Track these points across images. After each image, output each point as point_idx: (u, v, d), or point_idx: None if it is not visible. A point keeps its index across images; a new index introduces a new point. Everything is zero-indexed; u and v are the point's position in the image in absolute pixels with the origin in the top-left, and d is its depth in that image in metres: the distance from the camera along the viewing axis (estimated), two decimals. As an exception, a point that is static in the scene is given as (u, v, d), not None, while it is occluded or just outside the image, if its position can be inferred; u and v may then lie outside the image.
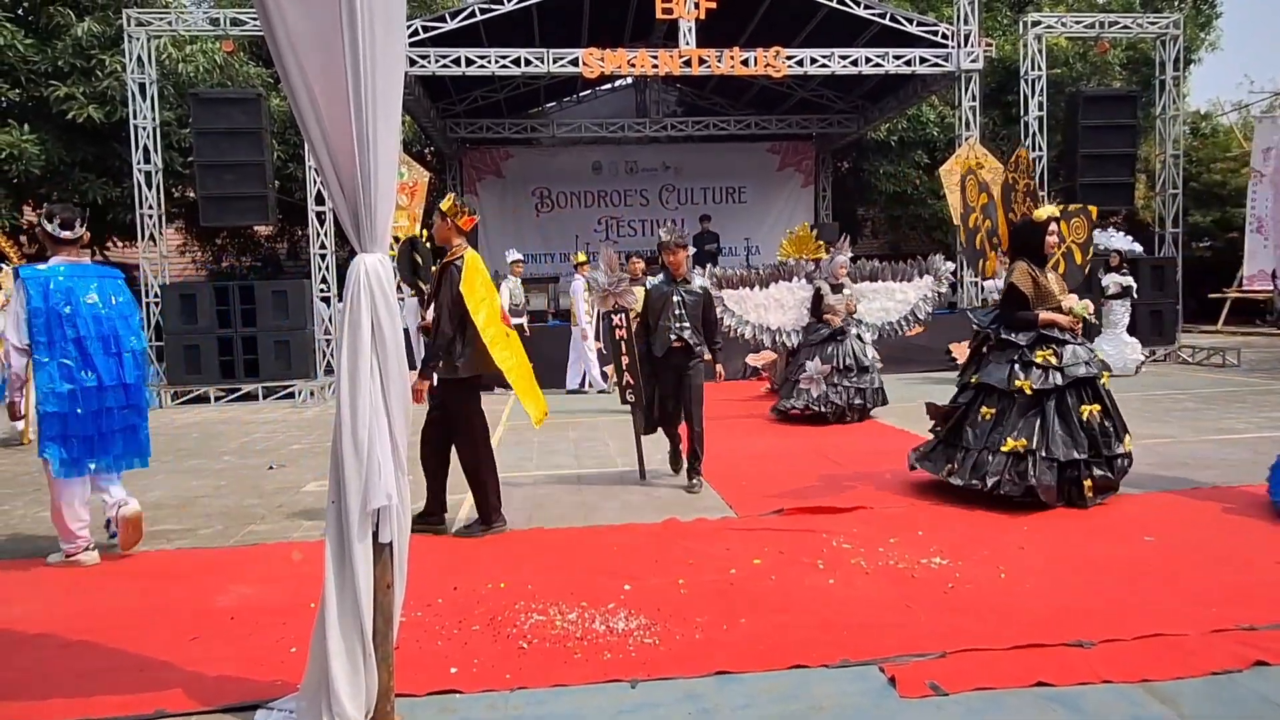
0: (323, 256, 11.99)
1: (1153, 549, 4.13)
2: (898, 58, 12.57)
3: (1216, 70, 47.03)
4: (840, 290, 8.42)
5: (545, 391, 4.23)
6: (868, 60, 12.54)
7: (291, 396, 11.00)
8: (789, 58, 12.31)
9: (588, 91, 18.23)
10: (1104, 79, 17.46)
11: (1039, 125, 12.81)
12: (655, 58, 12.14)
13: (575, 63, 12.14)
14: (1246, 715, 2.61)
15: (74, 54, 12.01)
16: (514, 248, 12.72)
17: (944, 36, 12.66)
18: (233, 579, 4.04)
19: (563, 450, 7.18)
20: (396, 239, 9.39)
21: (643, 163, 18.63)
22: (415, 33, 11.84)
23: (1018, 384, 4.91)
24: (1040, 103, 12.79)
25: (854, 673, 2.91)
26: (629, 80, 17.34)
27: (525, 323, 11.33)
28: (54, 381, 4.20)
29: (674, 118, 17.95)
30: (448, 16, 12.10)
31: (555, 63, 12.11)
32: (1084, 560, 3.96)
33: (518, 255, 11.81)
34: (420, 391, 4.54)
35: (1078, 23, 13.31)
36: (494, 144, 18.14)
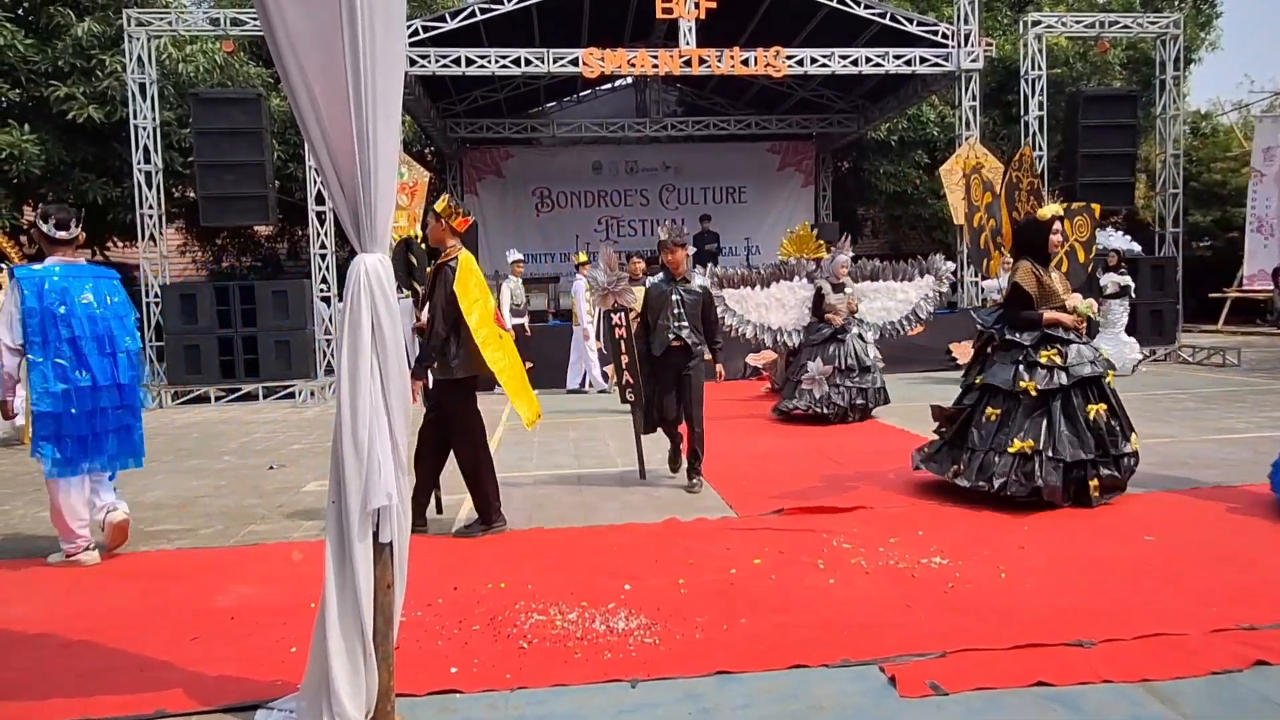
0: (323, 256, 11.99)
1: (1153, 548, 4.13)
2: (898, 57, 12.56)
3: (1217, 70, 47.06)
4: (841, 290, 8.41)
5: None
6: (868, 60, 12.54)
7: (292, 396, 11.01)
8: (789, 57, 12.31)
9: (588, 91, 18.23)
10: (1104, 79, 17.44)
11: (1039, 125, 12.81)
12: (655, 57, 12.14)
13: (575, 63, 12.14)
14: (1247, 715, 2.61)
15: (74, 54, 12.00)
16: (514, 248, 12.70)
17: (944, 36, 12.66)
18: (233, 579, 4.04)
19: (563, 450, 7.18)
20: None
21: (643, 162, 18.63)
22: (415, 33, 11.84)
23: (1023, 385, 4.88)
24: (1040, 102, 12.79)
25: (854, 672, 2.92)
26: (629, 80, 17.34)
27: (526, 323, 11.33)
28: (48, 381, 4.19)
29: (674, 117, 17.95)
30: (448, 16, 12.10)
31: (555, 63, 12.12)
32: (1084, 560, 3.96)
33: (518, 255, 11.79)
34: (414, 390, 4.53)
35: (1078, 22, 13.30)
36: (494, 144, 18.14)
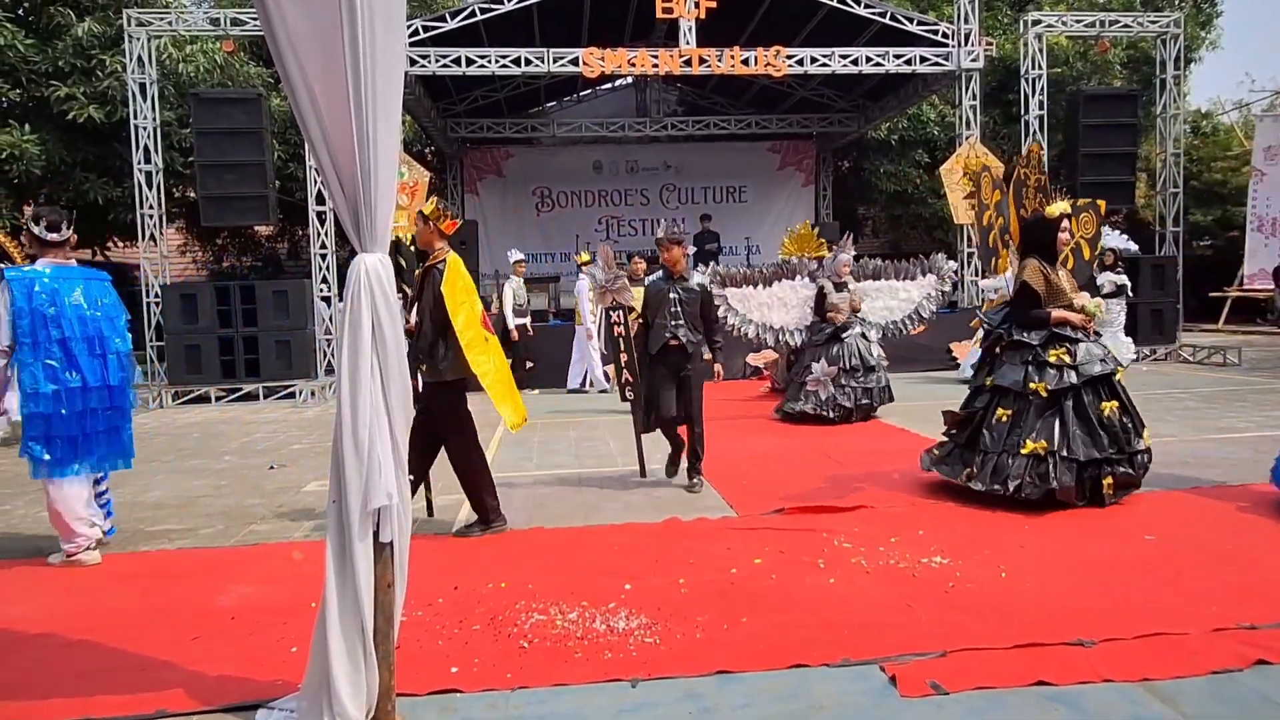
0: (323, 256, 11.99)
1: (1154, 548, 4.12)
2: (898, 57, 12.56)
3: (1217, 69, 47.05)
4: (844, 288, 8.39)
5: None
6: (868, 59, 12.54)
7: (292, 396, 11.01)
8: (789, 57, 12.31)
9: (588, 91, 18.23)
10: (1104, 78, 17.44)
11: (1039, 124, 12.81)
12: (655, 57, 12.14)
13: (575, 62, 12.14)
14: (1248, 714, 2.61)
15: (74, 54, 12.01)
16: (515, 247, 12.69)
17: (944, 35, 12.66)
18: (233, 579, 4.04)
19: (563, 450, 7.17)
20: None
21: (643, 162, 18.63)
22: (415, 32, 11.84)
23: (1033, 386, 4.83)
24: (1041, 102, 12.79)
25: (855, 672, 2.91)
26: (629, 80, 17.35)
27: (528, 323, 11.31)
28: (38, 382, 4.19)
29: (674, 117, 17.96)
30: (448, 16, 12.10)
31: (555, 62, 12.12)
32: (1085, 559, 3.96)
33: (520, 255, 11.74)
34: None
35: (1078, 22, 13.30)
36: (494, 143, 18.15)
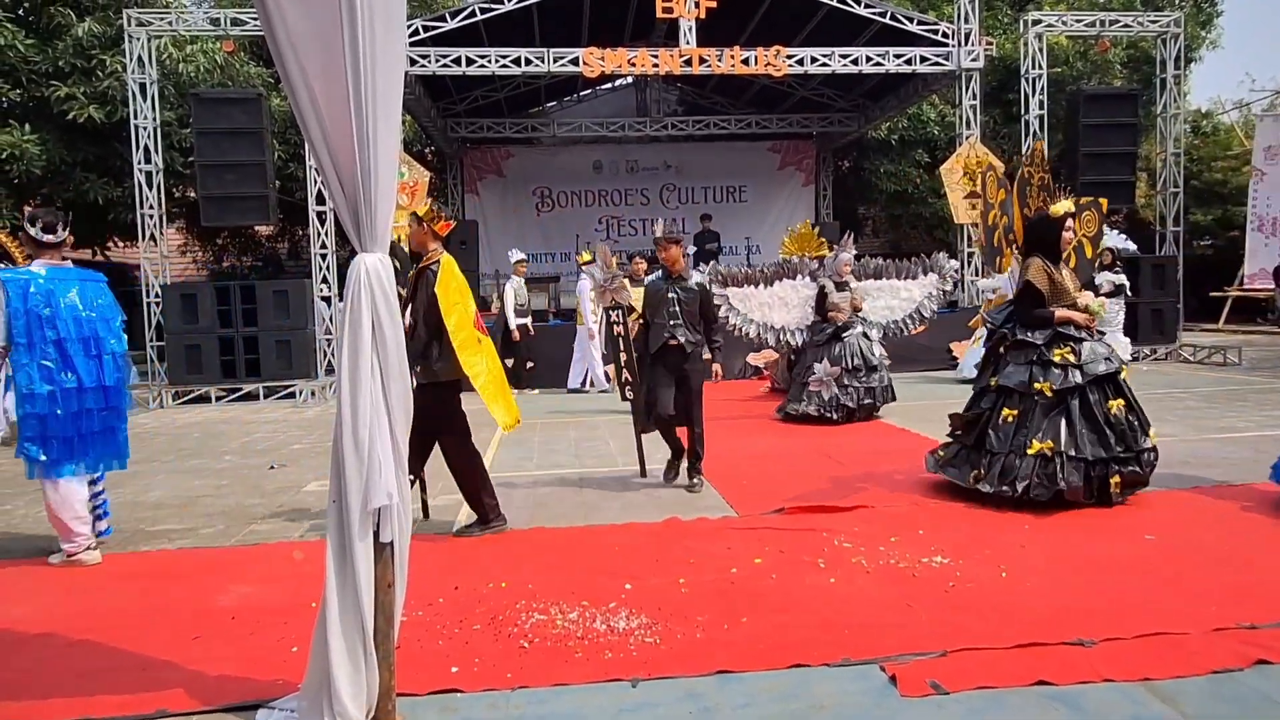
0: (323, 256, 11.99)
1: (1154, 547, 4.12)
2: (898, 57, 12.56)
3: (1217, 68, 47.04)
4: (845, 288, 8.37)
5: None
6: (868, 59, 12.54)
7: (292, 396, 11.01)
8: (789, 57, 12.31)
9: (588, 91, 18.23)
10: (1105, 77, 17.44)
11: (1039, 124, 12.81)
12: (656, 57, 12.14)
13: (576, 62, 12.14)
14: (1248, 714, 2.61)
15: (75, 54, 12.02)
16: (516, 247, 12.69)
17: (944, 35, 12.65)
18: (234, 578, 4.04)
19: (563, 450, 7.17)
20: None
21: (643, 162, 18.63)
22: (415, 32, 11.84)
23: (1038, 386, 4.81)
24: (1041, 101, 12.79)
25: (855, 672, 2.91)
26: (629, 79, 17.34)
27: (530, 322, 11.30)
28: (34, 383, 4.20)
29: (674, 117, 17.96)
30: (448, 16, 12.10)
31: (555, 62, 12.12)
32: (1085, 559, 3.96)
33: (521, 255, 11.69)
34: None
35: (1078, 21, 13.30)
36: (495, 143, 18.15)
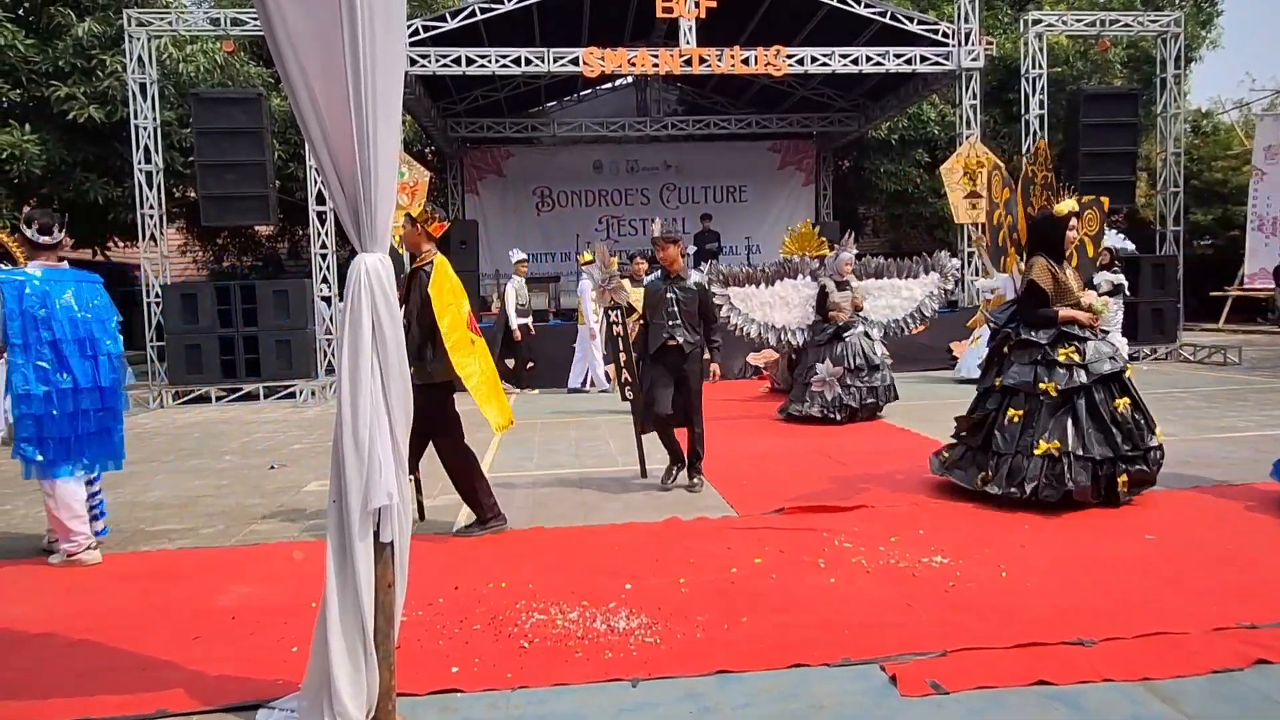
0: (324, 256, 11.99)
1: (1154, 547, 4.12)
2: (898, 56, 12.56)
3: (1217, 68, 47.04)
4: (846, 287, 8.36)
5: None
6: (868, 59, 12.54)
7: (293, 396, 11.01)
8: (789, 56, 12.31)
9: (588, 91, 18.23)
10: (1105, 77, 17.44)
11: (1040, 123, 12.81)
12: (656, 57, 12.14)
13: (576, 62, 12.15)
14: (1248, 713, 2.61)
15: (75, 54, 12.02)
16: (516, 247, 12.67)
17: (945, 35, 12.65)
18: (234, 578, 4.04)
19: (563, 450, 7.17)
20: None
21: (643, 162, 18.63)
22: (415, 32, 11.84)
23: (1043, 386, 4.79)
24: (1041, 101, 12.79)
25: (855, 671, 2.91)
26: (629, 79, 17.34)
27: (530, 322, 11.29)
28: (29, 383, 4.19)
29: (674, 117, 17.96)
30: (448, 16, 12.10)
31: (556, 62, 12.12)
32: (1085, 559, 3.96)
33: (522, 255, 11.65)
34: None
35: (1079, 21, 13.30)
36: (495, 143, 18.15)
